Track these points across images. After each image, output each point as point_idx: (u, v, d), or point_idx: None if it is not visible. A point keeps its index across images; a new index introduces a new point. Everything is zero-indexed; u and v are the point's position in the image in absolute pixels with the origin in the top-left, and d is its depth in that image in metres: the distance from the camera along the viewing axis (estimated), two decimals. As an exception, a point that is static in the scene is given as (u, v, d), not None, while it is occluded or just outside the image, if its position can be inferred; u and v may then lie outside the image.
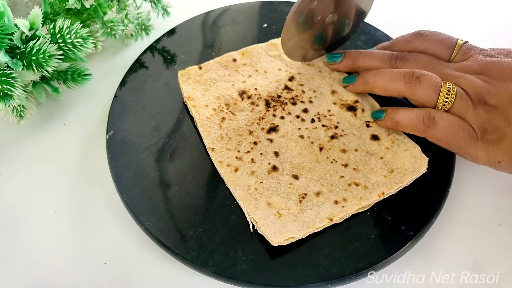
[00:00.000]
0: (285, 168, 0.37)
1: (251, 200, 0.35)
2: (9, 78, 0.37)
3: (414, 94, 0.36)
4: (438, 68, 0.37)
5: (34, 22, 0.38)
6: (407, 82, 0.36)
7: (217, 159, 0.37)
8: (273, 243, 0.32)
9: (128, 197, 0.36)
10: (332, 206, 0.34)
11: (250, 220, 0.34)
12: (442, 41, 0.39)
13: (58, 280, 0.34)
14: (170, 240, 0.33)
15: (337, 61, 0.42)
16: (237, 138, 0.39)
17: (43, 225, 0.37)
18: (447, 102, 0.35)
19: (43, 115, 0.44)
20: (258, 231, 0.33)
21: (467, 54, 0.38)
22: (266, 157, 0.37)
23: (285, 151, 0.38)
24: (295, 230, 0.33)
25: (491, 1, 0.57)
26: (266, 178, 0.36)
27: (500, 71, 0.35)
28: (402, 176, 0.36)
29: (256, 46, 0.46)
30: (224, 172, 0.37)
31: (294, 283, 0.31)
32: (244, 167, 0.37)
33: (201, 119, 0.40)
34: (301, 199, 0.35)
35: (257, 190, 0.35)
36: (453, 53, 0.38)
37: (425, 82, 0.36)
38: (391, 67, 0.39)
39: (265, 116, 0.40)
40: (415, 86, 0.36)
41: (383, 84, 0.38)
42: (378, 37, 0.48)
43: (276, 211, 0.34)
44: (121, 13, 0.46)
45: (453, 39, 0.39)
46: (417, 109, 0.36)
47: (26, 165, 0.41)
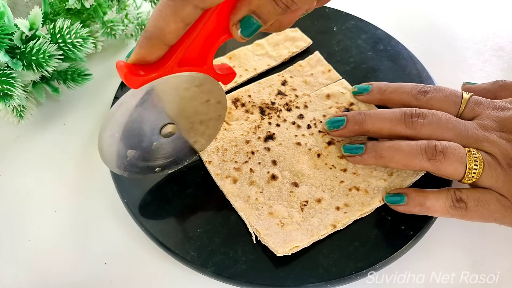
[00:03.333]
0: (284, 176, 0.36)
1: (252, 210, 0.34)
2: (9, 78, 0.37)
3: (440, 169, 0.33)
4: (458, 130, 0.34)
5: (34, 22, 0.38)
6: (431, 158, 0.33)
7: (215, 172, 0.37)
8: (278, 253, 0.32)
9: (128, 198, 0.36)
10: (334, 212, 0.34)
11: (253, 231, 0.33)
12: (448, 97, 0.37)
13: (58, 280, 0.34)
14: (170, 241, 0.33)
15: (340, 126, 0.38)
16: (233, 149, 0.38)
17: (43, 225, 0.37)
18: (475, 174, 0.32)
19: (43, 115, 0.44)
20: (262, 242, 0.33)
21: (475, 110, 0.36)
22: (265, 166, 0.37)
23: (283, 159, 0.37)
24: (300, 239, 0.32)
25: (491, 1, 0.57)
26: (266, 187, 0.36)
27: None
28: (402, 179, 0.36)
29: (242, 49, 0.46)
30: (223, 185, 0.36)
31: (294, 283, 0.31)
32: (243, 177, 0.36)
33: None
34: (302, 206, 0.35)
35: (258, 200, 0.35)
36: (460, 108, 0.36)
37: (450, 157, 0.32)
38: (407, 128, 0.35)
39: (261, 125, 0.40)
40: (440, 162, 0.32)
41: (402, 160, 0.34)
42: (379, 36, 0.47)
43: (278, 220, 0.34)
44: (121, 13, 0.46)
45: (458, 93, 0.37)
46: (444, 191, 0.33)
47: (26, 165, 0.41)
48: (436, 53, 0.50)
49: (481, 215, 0.32)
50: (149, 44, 0.27)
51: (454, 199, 0.32)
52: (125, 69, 0.27)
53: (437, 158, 0.33)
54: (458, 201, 0.32)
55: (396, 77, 0.44)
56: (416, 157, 0.33)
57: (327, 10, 0.50)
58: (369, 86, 0.41)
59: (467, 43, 0.51)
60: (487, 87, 0.39)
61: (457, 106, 0.36)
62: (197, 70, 0.30)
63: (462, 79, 0.43)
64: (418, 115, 0.35)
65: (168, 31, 0.27)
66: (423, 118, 0.35)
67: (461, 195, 0.33)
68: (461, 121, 0.35)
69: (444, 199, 0.33)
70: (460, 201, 0.32)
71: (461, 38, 0.52)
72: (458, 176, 0.33)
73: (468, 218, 0.33)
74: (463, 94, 0.37)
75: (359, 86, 0.41)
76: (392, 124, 0.36)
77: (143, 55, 0.28)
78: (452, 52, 0.50)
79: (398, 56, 0.46)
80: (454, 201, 0.32)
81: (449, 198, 0.33)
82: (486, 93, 0.38)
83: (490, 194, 0.32)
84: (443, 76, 0.46)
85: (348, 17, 0.50)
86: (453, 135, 0.34)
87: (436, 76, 0.44)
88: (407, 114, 0.35)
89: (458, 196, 0.32)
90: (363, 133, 0.37)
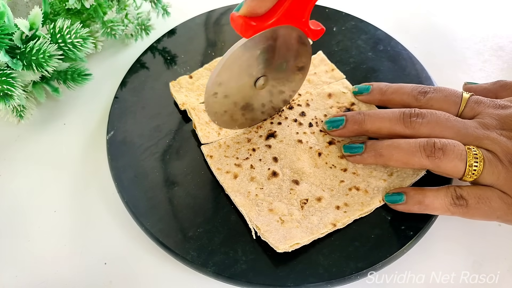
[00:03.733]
0: (285, 174, 0.36)
1: (252, 206, 0.34)
2: (9, 78, 0.37)
3: (439, 166, 0.33)
4: (457, 128, 0.34)
5: (34, 22, 0.38)
6: (430, 155, 0.33)
7: (215, 166, 0.37)
8: (278, 249, 0.32)
9: (128, 198, 0.36)
10: (334, 211, 0.34)
11: (252, 227, 0.33)
12: (448, 97, 0.36)
13: (58, 280, 0.34)
14: (170, 241, 0.33)
15: (339, 126, 0.38)
16: (235, 146, 0.38)
17: (43, 225, 0.37)
18: (475, 170, 0.32)
19: (43, 115, 0.45)
20: (262, 238, 0.33)
21: (475, 109, 0.35)
22: (266, 163, 0.37)
23: (284, 156, 0.38)
24: (300, 236, 0.33)
25: (491, 1, 0.57)
26: (267, 184, 0.36)
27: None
28: (402, 180, 0.36)
29: None
30: (224, 179, 0.36)
31: (294, 283, 0.31)
32: (244, 173, 0.37)
33: (200, 123, 0.39)
34: (302, 204, 0.35)
35: (257, 196, 0.35)
36: (460, 108, 0.36)
37: (449, 153, 0.32)
38: (406, 127, 0.35)
39: (262, 125, 0.40)
40: (439, 159, 0.32)
41: (401, 158, 0.34)
42: (378, 36, 0.48)
43: (278, 217, 0.34)
44: (121, 13, 0.46)
45: (458, 93, 0.37)
46: (444, 189, 0.33)
47: (26, 165, 0.41)
48: (436, 53, 0.50)
49: (483, 213, 0.32)
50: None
51: (454, 197, 0.32)
52: (240, 20, 0.31)
53: (436, 155, 0.33)
54: (458, 198, 0.32)
55: (396, 78, 0.44)
56: (415, 154, 0.33)
57: (327, 10, 0.50)
58: (369, 86, 0.41)
59: (466, 43, 0.51)
60: (488, 87, 0.38)
61: (457, 105, 0.36)
62: (298, 23, 0.33)
63: (462, 79, 0.43)
64: (417, 114, 0.35)
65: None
66: (422, 118, 0.35)
67: (461, 192, 0.32)
68: (461, 119, 0.35)
69: (444, 196, 0.33)
70: (460, 198, 0.32)
71: (461, 38, 0.52)
72: (459, 174, 0.33)
73: (469, 216, 0.32)
74: (463, 93, 0.37)
75: (360, 86, 0.41)
76: (391, 124, 0.36)
77: (254, 7, 0.30)
78: (451, 52, 0.50)
79: (398, 56, 0.46)
80: (454, 199, 0.32)
81: (448, 195, 0.33)
82: (487, 93, 0.38)
83: (491, 191, 0.32)
84: (443, 76, 0.46)
85: (348, 18, 0.50)
86: (453, 133, 0.34)
87: (436, 77, 0.44)
88: (406, 114, 0.35)
89: (459, 194, 0.32)
90: (363, 133, 0.37)
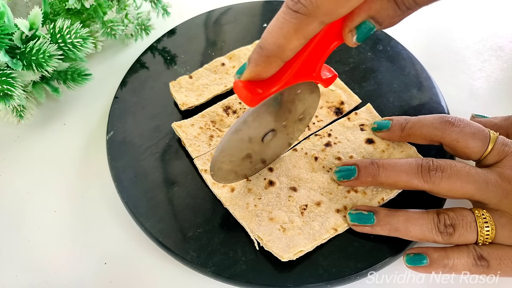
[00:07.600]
0: (282, 182, 0.36)
1: (252, 217, 0.34)
2: (9, 78, 0.37)
3: (452, 242, 0.32)
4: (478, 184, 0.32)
5: (34, 22, 0.38)
6: (443, 233, 0.32)
7: (211, 181, 0.36)
8: (283, 259, 0.32)
9: (128, 198, 0.36)
10: (334, 215, 0.34)
11: (255, 238, 0.33)
12: (476, 134, 0.33)
13: (58, 280, 0.34)
14: (170, 241, 0.33)
15: (351, 177, 0.35)
16: None
17: (43, 225, 0.37)
18: (488, 236, 0.31)
19: (43, 115, 0.45)
20: (265, 248, 0.33)
21: (501, 153, 0.33)
22: (261, 174, 0.37)
23: (279, 165, 0.37)
24: (303, 243, 0.32)
25: (490, 1, 0.57)
26: (264, 193, 0.36)
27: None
28: None
29: (242, 49, 0.46)
30: (221, 193, 0.36)
31: (294, 284, 0.31)
32: (240, 185, 0.36)
33: (188, 139, 0.39)
34: (302, 210, 0.34)
35: (256, 206, 0.35)
36: (487, 150, 0.33)
37: (460, 229, 0.31)
38: (425, 182, 0.33)
39: None
40: (450, 236, 0.31)
41: (418, 234, 0.32)
42: (378, 36, 0.47)
43: (279, 226, 0.34)
44: (121, 13, 0.46)
45: (486, 132, 0.34)
46: (465, 249, 0.32)
47: (26, 165, 0.41)
48: (436, 53, 0.50)
49: (505, 273, 0.31)
50: (267, 62, 0.27)
51: (475, 257, 0.31)
52: (244, 91, 0.28)
53: (448, 232, 0.32)
54: (479, 259, 0.31)
55: (395, 78, 0.44)
56: (431, 231, 0.32)
57: (327, 10, 0.50)
58: (389, 122, 0.38)
59: (466, 43, 0.51)
60: (498, 123, 0.37)
61: (484, 146, 0.33)
62: (309, 78, 0.30)
63: (461, 79, 0.43)
64: (436, 168, 0.33)
65: (289, 48, 0.26)
66: (441, 171, 0.32)
67: (481, 252, 0.31)
68: (481, 171, 0.33)
69: (466, 257, 0.31)
70: (481, 258, 0.31)
71: (460, 38, 0.52)
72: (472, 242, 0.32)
73: (490, 275, 0.32)
74: (491, 134, 0.34)
75: (379, 123, 0.39)
76: (409, 178, 0.33)
77: (259, 73, 0.27)
78: (451, 52, 0.50)
79: (397, 56, 0.46)
80: (475, 259, 0.31)
81: (470, 256, 0.31)
82: (497, 129, 0.36)
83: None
84: (443, 76, 0.46)
85: (348, 18, 0.49)
86: (473, 189, 0.32)
87: (435, 77, 0.44)
88: (424, 167, 0.33)
89: (479, 254, 0.31)
90: (377, 185, 0.35)
